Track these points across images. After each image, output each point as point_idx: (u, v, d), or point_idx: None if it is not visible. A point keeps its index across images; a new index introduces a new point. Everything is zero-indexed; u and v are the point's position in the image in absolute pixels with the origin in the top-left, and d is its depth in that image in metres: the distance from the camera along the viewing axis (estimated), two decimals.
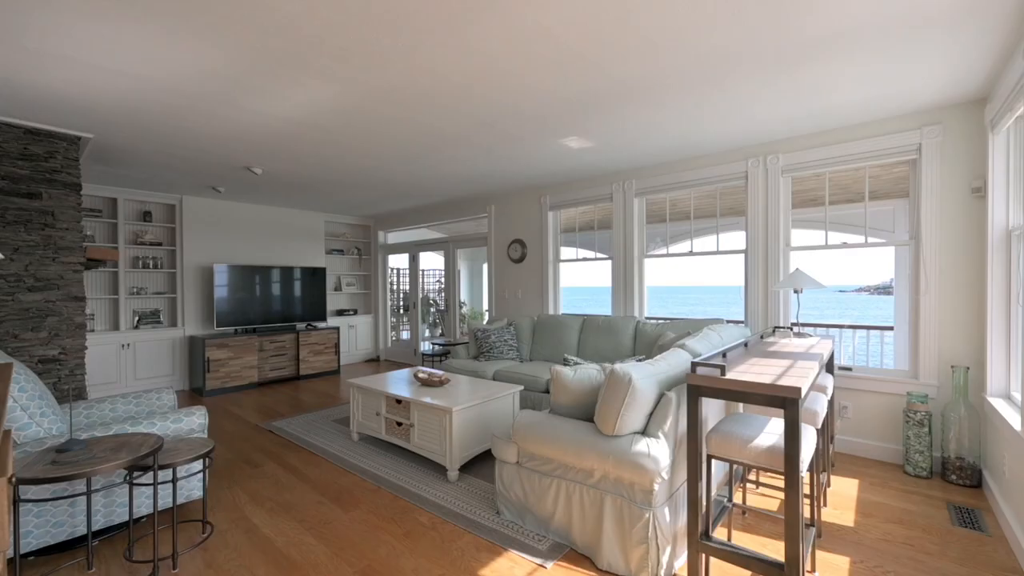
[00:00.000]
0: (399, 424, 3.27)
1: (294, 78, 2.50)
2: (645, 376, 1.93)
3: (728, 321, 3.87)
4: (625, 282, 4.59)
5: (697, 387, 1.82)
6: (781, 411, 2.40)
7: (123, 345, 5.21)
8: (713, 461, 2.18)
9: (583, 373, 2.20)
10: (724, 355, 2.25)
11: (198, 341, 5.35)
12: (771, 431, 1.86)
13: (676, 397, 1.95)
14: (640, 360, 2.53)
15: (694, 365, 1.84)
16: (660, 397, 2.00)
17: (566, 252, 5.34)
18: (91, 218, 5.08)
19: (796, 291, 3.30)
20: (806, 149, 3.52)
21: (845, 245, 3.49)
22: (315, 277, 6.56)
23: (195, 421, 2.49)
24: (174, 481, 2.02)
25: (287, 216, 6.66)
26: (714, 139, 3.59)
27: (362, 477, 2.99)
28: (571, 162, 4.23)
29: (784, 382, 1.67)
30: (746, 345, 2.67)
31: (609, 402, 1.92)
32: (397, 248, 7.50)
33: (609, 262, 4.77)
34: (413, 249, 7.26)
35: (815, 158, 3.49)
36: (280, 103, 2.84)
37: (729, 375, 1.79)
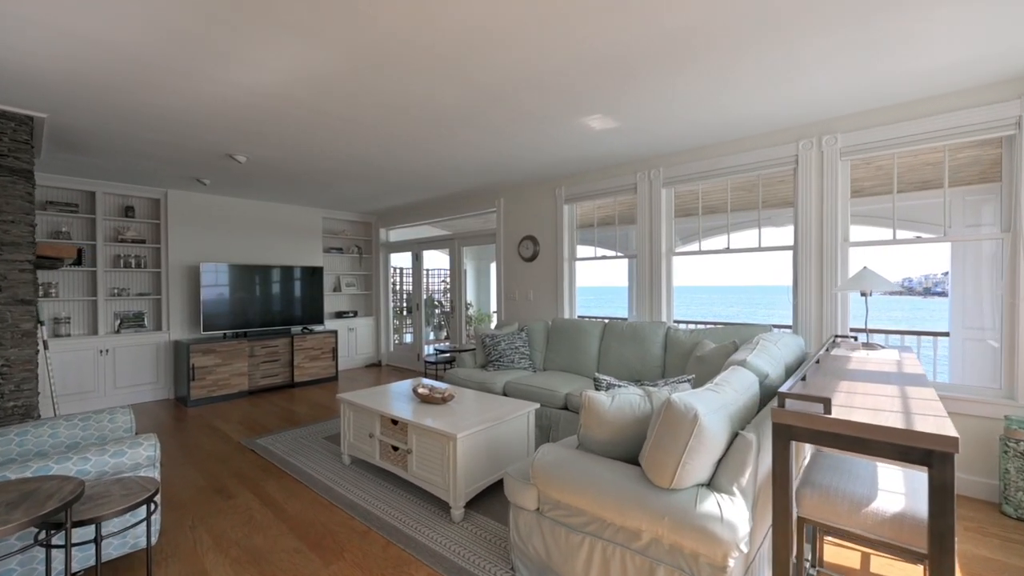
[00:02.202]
0: (395, 449, 2.81)
1: (263, 36, 2.04)
2: (714, 410, 1.44)
3: (773, 327, 3.36)
4: (651, 282, 4.09)
5: (788, 428, 1.33)
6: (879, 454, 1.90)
7: (101, 351, 4.80)
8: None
9: (623, 400, 1.72)
10: (803, 378, 1.76)
11: (183, 346, 4.93)
12: (891, 488, 1.37)
13: (757, 439, 1.46)
14: (686, 380, 2.04)
15: (781, 396, 1.36)
16: (733, 438, 1.51)
17: (582, 251, 4.86)
18: (66, 214, 4.67)
19: (863, 294, 2.79)
20: (871, 127, 3.01)
21: (919, 239, 2.97)
22: (312, 277, 6.12)
23: (141, 454, 2.04)
24: (97, 541, 1.57)
25: (281, 212, 6.23)
26: (761, 116, 3.09)
27: (350, 514, 2.52)
28: (592, 148, 3.75)
29: (925, 426, 1.18)
30: (817, 362, 2.17)
31: (666, 445, 1.44)
32: (400, 246, 7.05)
33: (621, 261, 4.28)
34: (416, 247, 6.81)
35: (881, 138, 2.98)
36: (252, 71, 2.38)
37: (836, 412, 1.30)
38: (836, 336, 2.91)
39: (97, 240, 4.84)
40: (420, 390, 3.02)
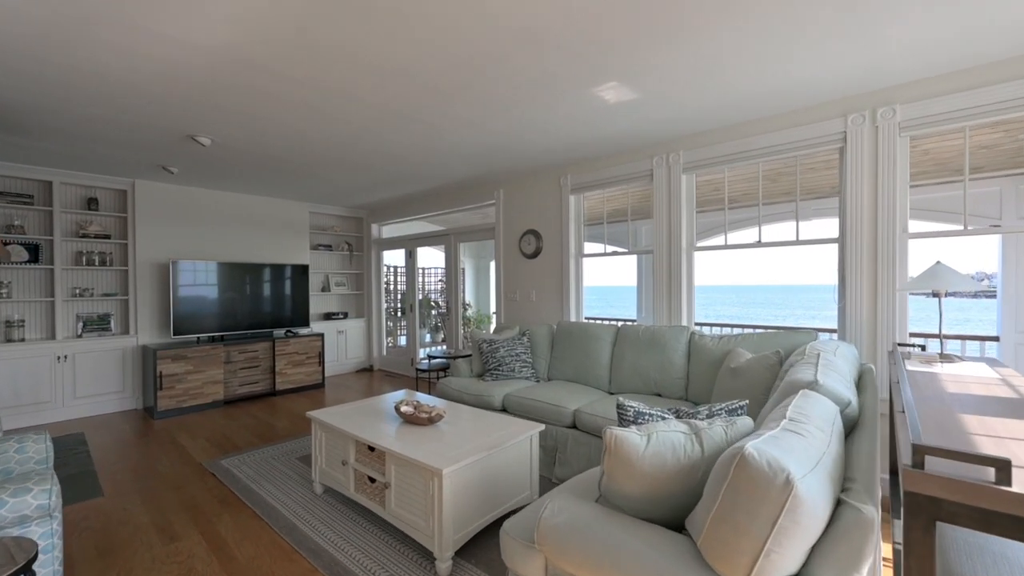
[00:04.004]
0: (372, 480, 2.34)
1: None
2: (810, 468, 0.97)
3: (811, 331, 2.88)
4: (669, 280, 3.62)
5: (934, 502, 0.87)
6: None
7: (59, 357, 4.34)
8: None
9: (662, 442, 1.25)
10: (903, 411, 1.29)
11: (151, 352, 4.47)
12: None
13: (878, 515, 0.99)
14: (738, 406, 1.57)
15: (921, 451, 0.89)
16: (836, 506, 1.04)
17: (589, 247, 4.39)
18: (18, 205, 4.22)
19: (936, 295, 2.32)
20: (937, 96, 2.53)
21: (994, 229, 2.50)
22: (297, 276, 5.66)
23: (29, 503, 1.57)
24: None
25: (263, 205, 5.76)
26: (808, 83, 2.61)
27: (313, 563, 2.06)
28: (603, 127, 3.28)
29: None
30: (898, 381, 1.70)
31: (739, 521, 0.97)
32: (393, 243, 6.59)
33: (626, 258, 3.81)
34: (410, 244, 6.34)
35: (950, 108, 2.50)
36: (188, 17, 1.92)
37: (1017, 480, 0.83)
38: (897, 345, 2.44)
39: (55, 235, 4.38)
40: (403, 408, 2.56)
